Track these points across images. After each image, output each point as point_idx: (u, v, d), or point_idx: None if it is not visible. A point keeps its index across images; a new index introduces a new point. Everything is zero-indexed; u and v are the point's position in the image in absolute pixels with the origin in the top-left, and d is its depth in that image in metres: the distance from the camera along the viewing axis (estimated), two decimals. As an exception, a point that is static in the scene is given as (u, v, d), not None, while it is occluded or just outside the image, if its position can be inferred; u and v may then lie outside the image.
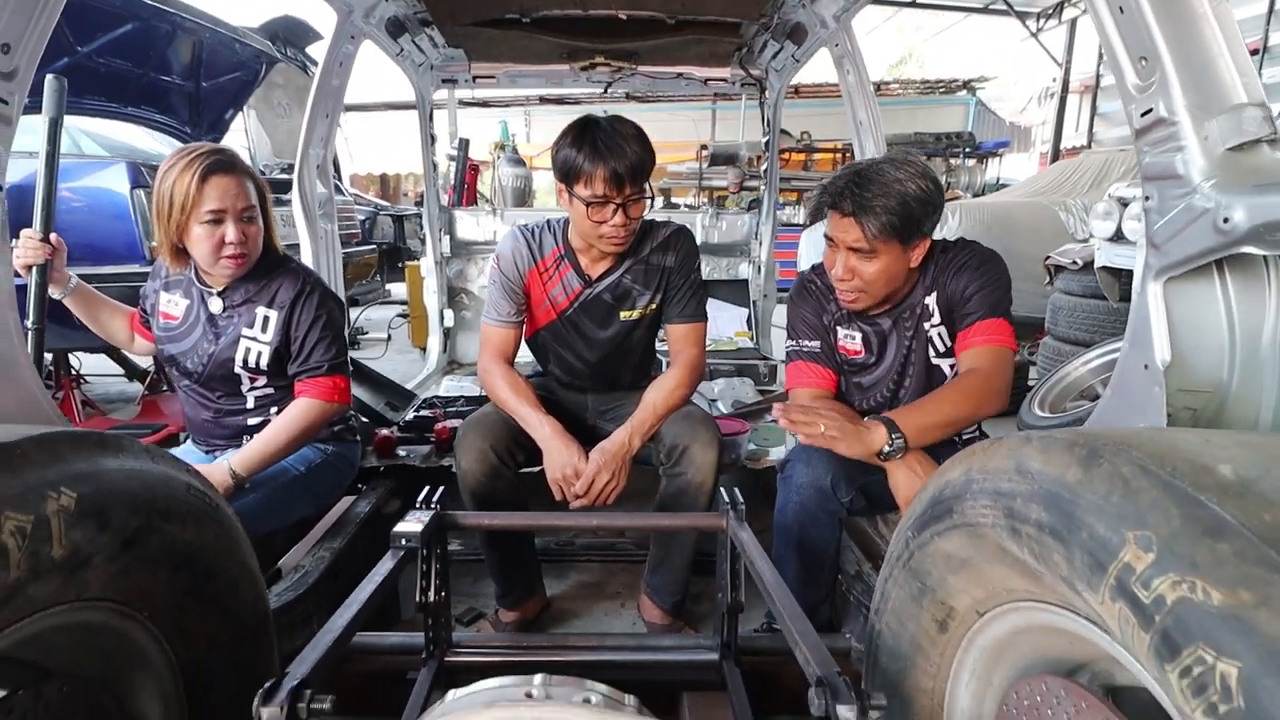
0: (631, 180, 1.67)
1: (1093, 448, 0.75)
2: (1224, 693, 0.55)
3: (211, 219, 1.64)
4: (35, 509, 0.72)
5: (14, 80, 1.07)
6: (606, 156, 1.64)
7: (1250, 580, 0.56)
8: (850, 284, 1.61)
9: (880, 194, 1.50)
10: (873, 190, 1.51)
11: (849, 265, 1.59)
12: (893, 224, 1.50)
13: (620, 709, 0.80)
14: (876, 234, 1.52)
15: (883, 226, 1.51)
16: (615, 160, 1.64)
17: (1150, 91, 1.10)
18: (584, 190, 1.68)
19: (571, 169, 1.68)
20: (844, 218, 1.55)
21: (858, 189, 1.52)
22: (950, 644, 1.05)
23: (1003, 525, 0.85)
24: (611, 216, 1.70)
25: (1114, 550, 0.67)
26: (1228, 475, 0.65)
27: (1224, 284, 1.10)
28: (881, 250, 1.54)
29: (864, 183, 1.52)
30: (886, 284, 1.61)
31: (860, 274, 1.59)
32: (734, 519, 1.48)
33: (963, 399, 1.54)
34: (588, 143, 1.66)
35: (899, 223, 1.51)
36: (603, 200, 1.68)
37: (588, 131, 1.68)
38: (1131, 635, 0.65)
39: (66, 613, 0.85)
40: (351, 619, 1.05)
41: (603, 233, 1.74)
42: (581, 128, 1.69)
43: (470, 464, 1.79)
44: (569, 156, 1.68)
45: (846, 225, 1.55)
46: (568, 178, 1.70)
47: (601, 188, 1.66)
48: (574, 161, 1.67)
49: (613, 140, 1.65)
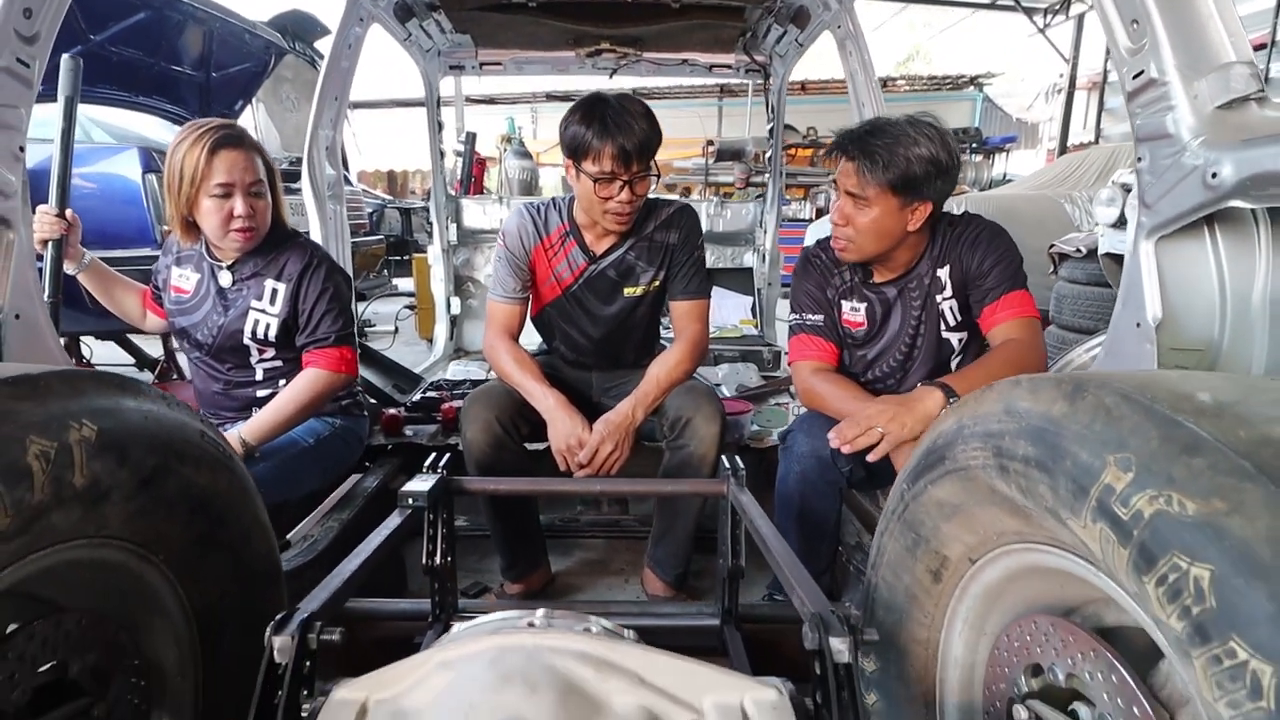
0: (639, 157, 1.69)
1: (1078, 383, 0.77)
2: (1197, 595, 0.57)
3: (220, 192, 1.68)
4: (59, 436, 0.75)
5: (35, 44, 1.11)
6: (615, 133, 1.65)
7: (1223, 490, 0.59)
8: (843, 230, 1.64)
9: (885, 146, 1.52)
10: (880, 141, 1.53)
11: (844, 211, 1.62)
12: (889, 177, 1.52)
13: (619, 639, 0.83)
14: (870, 181, 1.54)
15: (878, 177, 1.53)
16: (623, 137, 1.65)
17: (1141, 53, 1.12)
18: (591, 166, 1.70)
19: (580, 145, 1.69)
20: (848, 162, 1.58)
21: (868, 136, 1.55)
22: (944, 593, 1.08)
23: (992, 465, 0.87)
24: (618, 193, 1.73)
25: (1095, 473, 0.69)
26: (1206, 400, 0.67)
27: (1214, 242, 1.12)
28: (874, 200, 1.56)
29: (875, 132, 1.55)
30: (876, 239, 1.62)
31: (853, 221, 1.61)
32: (734, 484, 1.50)
33: (1008, 366, 1.50)
34: (597, 119, 1.67)
35: (896, 178, 1.52)
36: (609, 176, 1.70)
37: (597, 108, 1.69)
38: (1112, 555, 0.67)
39: (86, 548, 0.89)
40: (360, 565, 1.08)
41: (608, 209, 1.76)
42: (591, 104, 1.71)
43: (475, 434, 1.82)
44: (578, 133, 1.69)
45: (848, 170, 1.58)
46: (575, 153, 1.72)
47: (609, 164, 1.68)
48: (582, 137, 1.68)
49: (621, 117, 1.67)
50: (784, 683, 0.82)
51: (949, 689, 1.09)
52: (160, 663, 1.06)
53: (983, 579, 1.02)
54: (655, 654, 0.80)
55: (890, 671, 1.18)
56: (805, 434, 1.69)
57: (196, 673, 1.11)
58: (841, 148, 1.60)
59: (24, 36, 1.09)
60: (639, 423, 1.82)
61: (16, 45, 1.08)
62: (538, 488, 1.71)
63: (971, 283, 1.65)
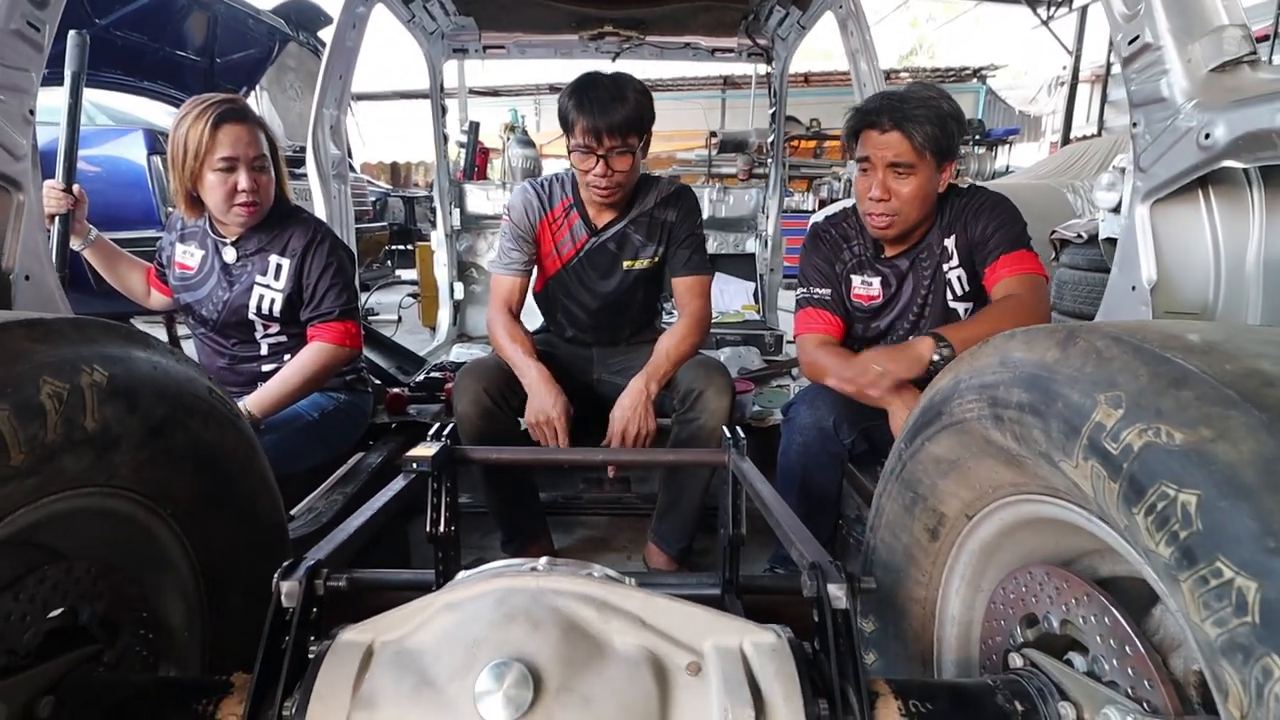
0: (610, 134, 1.74)
1: (1070, 330, 0.79)
2: (1184, 519, 0.59)
3: (224, 166, 1.69)
4: (71, 379, 0.76)
5: (46, 9, 1.12)
6: (589, 110, 1.73)
7: (1210, 419, 0.60)
8: (887, 205, 1.63)
9: (919, 106, 1.54)
10: (911, 104, 1.55)
11: (886, 185, 1.61)
12: (934, 135, 1.54)
13: (620, 583, 0.84)
14: (922, 143, 1.54)
15: (927, 136, 1.54)
16: (598, 113, 1.72)
17: (1137, 19, 1.13)
18: (571, 140, 1.79)
19: (564, 118, 1.79)
20: (885, 133, 1.57)
21: (899, 103, 1.56)
22: (941, 551, 1.09)
23: (987, 415, 0.88)
24: (594, 166, 1.79)
25: (1086, 412, 0.70)
26: (1195, 340, 0.69)
27: (1208, 205, 1.13)
28: (920, 165, 1.57)
29: (902, 100, 1.56)
30: (921, 204, 1.62)
31: (898, 193, 1.61)
32: (735, 454, 1.52)
33: (1003, 318, 1.50)
34: (579, 95, 1.75)
35: (940, 134, 1.54)
36: (585, 149, 1.77)
37: (583, 85, 1.77)
38: (1103, 490, 0.69)
39: (96, 496, 0.90)
40: (365, 522, 1.09)
41: (588, 181, 1.83)
42: (580, 81, 1.78)
43: (465, 406, 1.84)
44: (563, 106, 1.79)
45: (888, 141, 1.57)
46: (563, 125, 1.81)
47: (583, 138, 1.75)
48: (565, 112, 1.78)
49: (603, 94, 1.73)
50: (782, 629, 0.84)
51: (946, 646, 1.10)
52: (167, 618, 1.08)
53: (979, 535, 1.03)
54: (656, 597, 0.82)
55: (889, 631, 1.20)
56: (808, 406, 1.70)
57: (203, 630, 1.13)
58: (871, 122, 1.60)
59: (34, 0, 1.10)
60: (655, 396, 1.85)
61: (27, 8, 1.09)
62: (541, 457, 1.73)
63: (976, 249, 1.66)
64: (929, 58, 21.43)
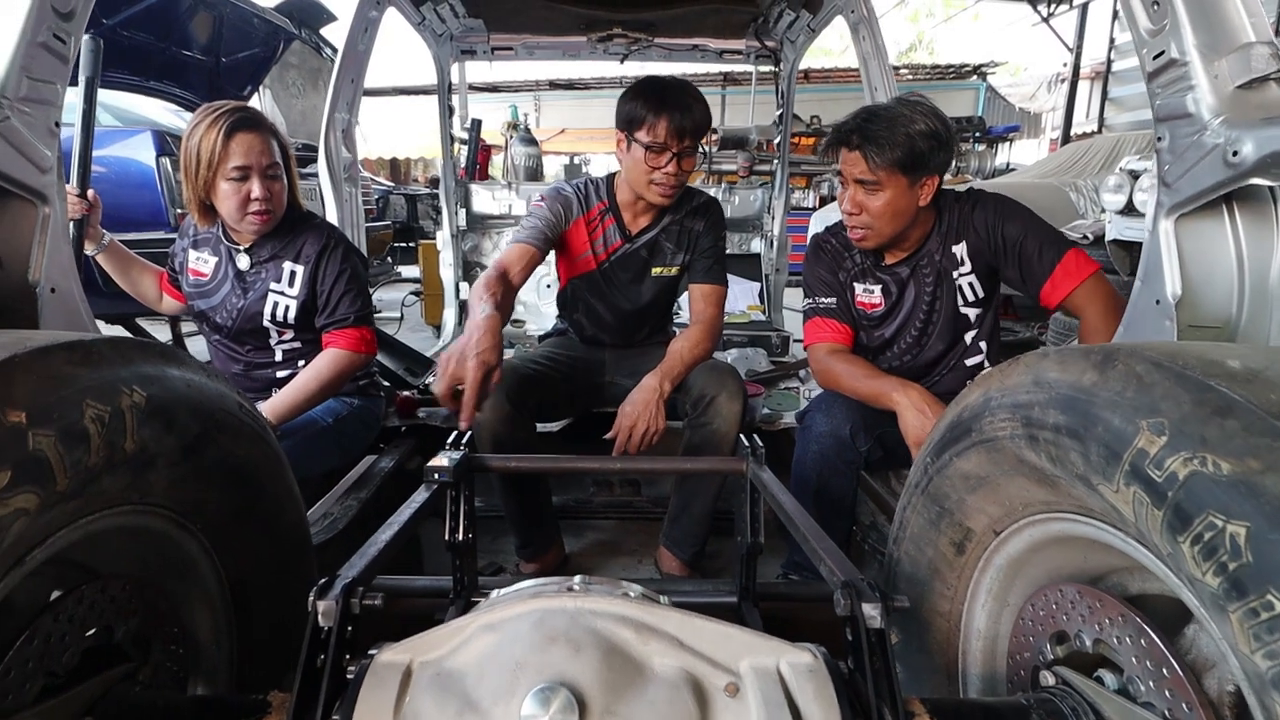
0: (691, 133, 1.79)
1: (1108, 353, 0.79)
2: (1233, 551, 0.59)
3: (237, 175, 1.69)
4: (112, 401, 0.76)
5: (72, 20, 1.12)
6: (672, 107, 1.76)
7: (1258, 450, 0.60)
8: (858, 219, 1.66)
9: (885, 128, 1.56)
10: (878, 124, 1.57)
11: (855, 199, 1.64)
12: (896, 157, 1.56)
13: (656, 603, 0.85)
14: (879, 164, 1.57)
15: (886, 158, 1.56)
16: (680, 111, 1.76)
17: (1162, 34, 1.13)
18: (645, 136, 1.79)
19: (636, 116, 1.80)
20: (851, 151, 1.61)
21: (866, 123, 1.58)
22: (968, 566, 1.10)
23: (1021, 435, 0.88)
24: (666, 164, 1.81)
25: (1128, 439, 0.71)
26: (1236, 366, 0.69)
27: (1233, 220, 1.13)
28: (885, 183, 1.59)
29: (871, 118, 1.59)
30: (893, 219, 1.64)
31: (867, 208, 1.63)
32: (754, 462, 1.52)
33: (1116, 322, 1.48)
34: (655, 95, 1.78)
35: (903, 155, 1.56)
36: (662, 147, 1.79)
37: (655, 85, 1.81)
38: (1145, 517, 0.69)
39: (131, 514, 0.90)
40: (392, 537, 1.09)
41: (655, 179, 1.84)
42: (649, 82, 1.82)
43: (486, 413, 1.83)
44: (634, 107, 1.80)
45: (853, 159, 1.61)
46: (631, 124, 1.81)
47: (663, 134, 1.77)
48: (639, 110, 1.79)
49: (679, 95, 1.78)
50: (817, 648, 0.84)
51: (971, 660, 1.11)
52: (196, 631, 1.08)
53: (1007, 550, 1.04)
54: (693, 618, 0.82)
55: (912, 644, 1.21)
56: (824, 414, 1.71)
57: (231, 641, 1.13)
58: (842, 140, 1.64)
59: (61, 13, 1.10)
60: (667, 395, 1.85)
61: (54, 21, 1.09)
62: (558, 465, 1.73)
63: (1005, 261, 1.67)
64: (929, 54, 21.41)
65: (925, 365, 1.82)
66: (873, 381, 1.67)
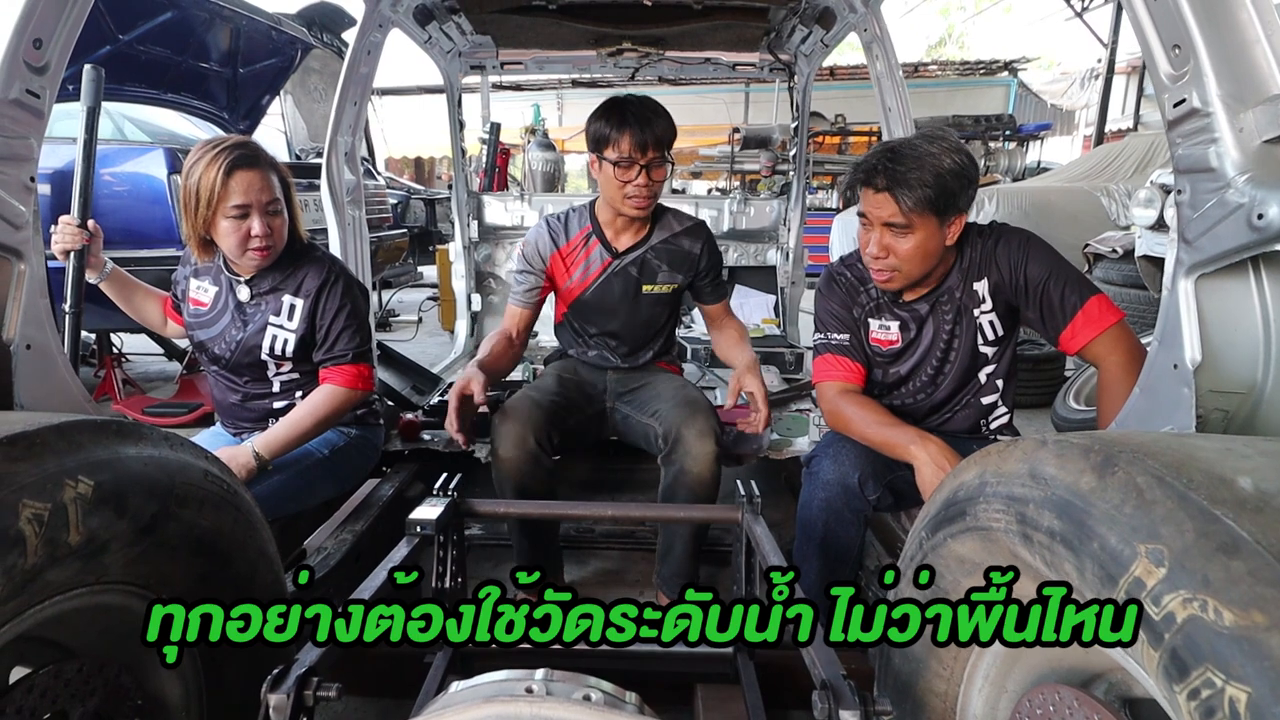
0: (654, 145, 1.84)
1: (1108, 455, 0.73)
2: (1232, 716, 0.53)
3: (237, 213, 1.67)
4: (52, 497, 0.73)
5: (45, 75, 1.10)
6: (633, 123, 1.82)
7: (1264, 601, 0.54)
8: (885, 262, 1.57)
9: (914, 167, 1.47)
10: (906, 164, 1.48)
11: (883, 243, 1.55)
12: (928, 197, 1.47)
13: (620, 707, 0.80)
14: (912, 207, 1.48)
15: (918, 200, 1.47)
16: (641, 126, 1.82)
17: (1183, 81, 1.06)
18: (612, 153, 1.84)
19: (602, 136, 1.86)
20: (878, 193, 1.52)
21: (891, 163, 1.49)
22: (964, 648, 1.04)
23: (1015, 531, 0.83)
24: (635, 177, 1.86)
25: (1125, 563, 0.65)
26: (1246, 488, 0.63)
27: (1259, 282, 1.06)
28: (917, 225, 1.51)
29: (897, 158, 1.50)
30: (922, 261, 1.56)
31: (895, 251, 1.55)
32: (749, 513, 1.47)
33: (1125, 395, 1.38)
34: (616, 113, 1.85)
35: (935, 196, 1.47)
36: (629, 161, 1.84)
37: (617, 105, 1.87)
38: (1142, 652, 0.63)
39: (86, 595, 0.88)
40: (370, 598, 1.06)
41: (628, 193, 1.89)
42: (611, 103, 1.88)
43: (509, 450, 1.81)
44: (599, 127, 1.86)
45: (881, 201, 1.52)
46: (599, 144, 1.87)
47: (628, 149, 1.82)
48: (604, 130, 1.85)
49: (640, 110, 1.84)
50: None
51: (967, 745, 1.05)
52: (164, 700, 1.06)
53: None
54: (656, 727, 0.78)
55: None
56: (831, 460, 1.64)
57: (201, 708, 1.11)
58: (867, 180, 1.54)
59: (34, 67, 1.08)
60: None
61: (27, 76, 1.06)
62: (549, 511, 1.70)
63: (1028, 301, 1.59)
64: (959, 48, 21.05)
65: (939, 403, 1.75)
66: (887, 430, 1.59)
